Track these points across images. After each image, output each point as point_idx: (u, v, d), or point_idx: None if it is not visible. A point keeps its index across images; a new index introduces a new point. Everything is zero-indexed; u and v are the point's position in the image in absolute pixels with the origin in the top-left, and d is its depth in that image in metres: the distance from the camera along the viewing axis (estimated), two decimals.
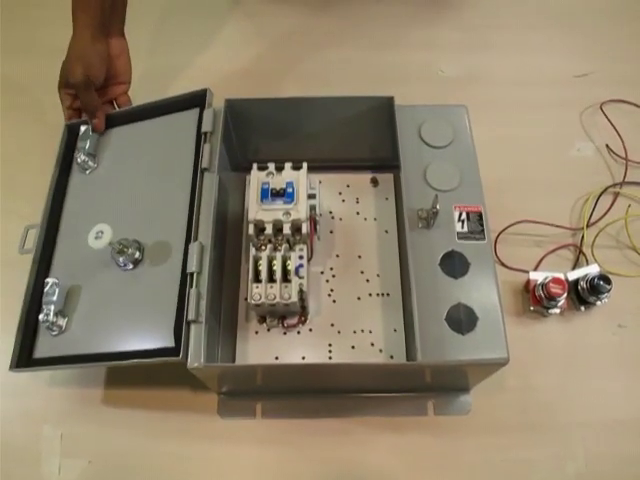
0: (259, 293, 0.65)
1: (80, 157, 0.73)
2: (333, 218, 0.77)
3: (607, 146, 0.90)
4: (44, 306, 0.63)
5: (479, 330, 0.59)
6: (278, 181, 0.67)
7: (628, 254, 0.82)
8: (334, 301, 0.72)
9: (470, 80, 0.98)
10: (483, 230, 0.64)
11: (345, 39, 1.03)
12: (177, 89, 0.72)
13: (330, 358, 0.69)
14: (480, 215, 0.64)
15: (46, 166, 0.74)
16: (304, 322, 0.70)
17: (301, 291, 0.65)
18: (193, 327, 0.59)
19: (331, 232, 0.76)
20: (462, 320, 0.59)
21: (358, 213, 0.78)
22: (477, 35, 1.03)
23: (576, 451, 0.70)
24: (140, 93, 0.74)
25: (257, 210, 0.66)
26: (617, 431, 0.71)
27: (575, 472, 0.69)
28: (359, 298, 0.72)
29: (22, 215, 0.76)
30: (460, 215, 0.65)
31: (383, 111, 0.71)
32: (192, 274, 0.60)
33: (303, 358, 0.69)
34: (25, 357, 0.64)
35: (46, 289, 0.64)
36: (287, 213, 0.65)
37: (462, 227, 0.64)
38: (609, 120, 0.92)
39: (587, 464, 0.69)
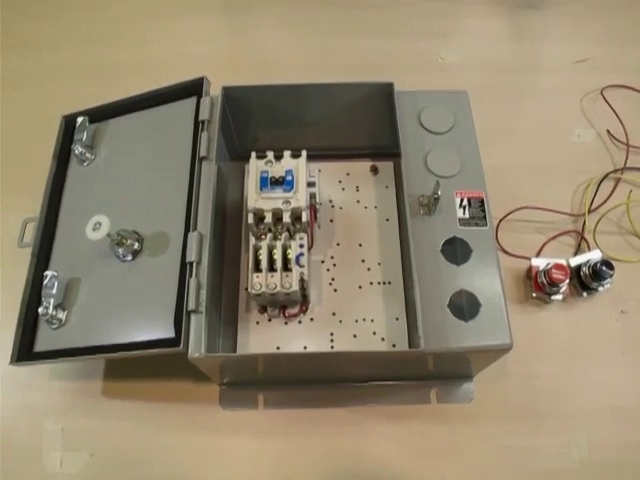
0: (260, 282, 0.64)
1: (77, 149, 0.72)
2: (333, 207, 0.76)
3: (608, 132, 0.90)
4: (43, 299, 0.62)
5: (482, 316, 0.58)
6: (277, 169, 0.66)
7: (630, 240, 0.82)
8: (335, 290, 0.71)
9: (470, 67, 0.97)
10: (485, 216, 0.63)
11: (344, 27, 1.03)
12: (173, 78, 0.71)
13: (332, 347, 0.68)
14: (482, 201, 0.64)
15: (44, 159, 0.73)
16: (305, 312, 0.70)
17: (302, 280, 0.65)
18: (193, 317, 0.58)
19: (331, 221, 0.75)
20: (465, 307, 0.59)
21: (358, 201, 0.77)
22: (476, 21, 1.02)
23: (580, 438, 0.70)
24: (136, 83, 0.73)
25: (256, 199, 0.65)
26: (621, 418, 0.71)
27: (579, 459, 0.69)
28: (360, 287, 0.71)
29: (21, 208, 0.76)
30: (461, 201, 0.64)
31: (383, 97, 0.70)
32: (191, 264, 0.60)
33: (305, 348, 0.68)
34: (25, 351, 0.63)
35: (45, 282, 0.63)
36: (287, 201, 0.65)
37: (464, 213, 0.63)
38: (610, 106, 0.91)
39: (591, 451, 0.69)
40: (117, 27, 1.02)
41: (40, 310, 0.62)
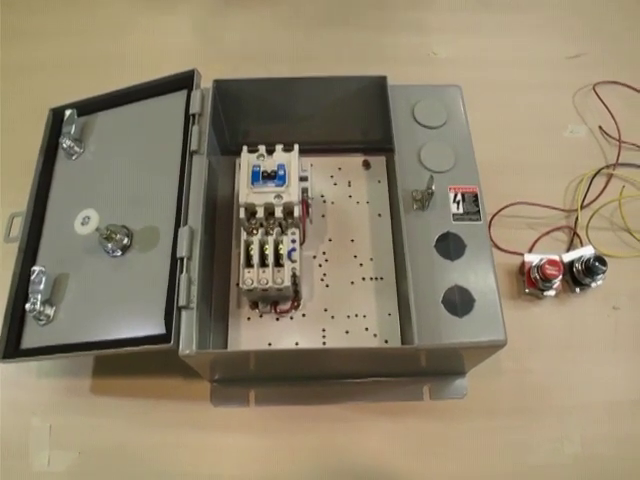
0: (251, 278, 0.63)
1: (65, 142, 0.71)
2: (325, 202, 0.76)
3: (600, 127, 0.90)
4: (31, 295, 0.61)
5: (476, 312, 0.58)
6: (269, 163, 0.65)
7: (622, 235, 0.82)
8: (327, 286, 0.71)
9: (462, 62, 0.97)
10: (479, 211, 0.63)
11: (335, 21, 1.02)
12: (164, 71, 0.70)
13: (324, 344, 0.68)
14: (475, 196, 0.63)
15: (33, 152, 0.72)
16: (297, 307, 0.69)
17: (294, 275, 0.64)
18: (184, 313, 0.57)
19: (323, 216, 0.75)
20: (458, 302, 0.58)
21: (350, 196, 0.76)
22: (468, 16, 1.02)
23: (573, 433, 0.70)
24: (126, 75, 0.72)
25: (248, 193, 0.64)
26: (613, 413, 0.71)
27: (572, 454, 0.69)
28: (352, 282, 0.71)
29: (7, 202, 0.74)
30: (455, 196, 0.64)
31: (375, 91, 0.69)
32: (182, 259, 0.59)
33: (296, 344, 0.67)
34: (12, 348, 0.62)
35: (32, 278, 0.62)
36: (279, 196, 0.64)
37: (457, 208, 0.63)
38: (602, 101, 0.91)
39: (584, 446, 0.69)
40: (114, 21, 1.01)
41: (27, 306, 0.61)
